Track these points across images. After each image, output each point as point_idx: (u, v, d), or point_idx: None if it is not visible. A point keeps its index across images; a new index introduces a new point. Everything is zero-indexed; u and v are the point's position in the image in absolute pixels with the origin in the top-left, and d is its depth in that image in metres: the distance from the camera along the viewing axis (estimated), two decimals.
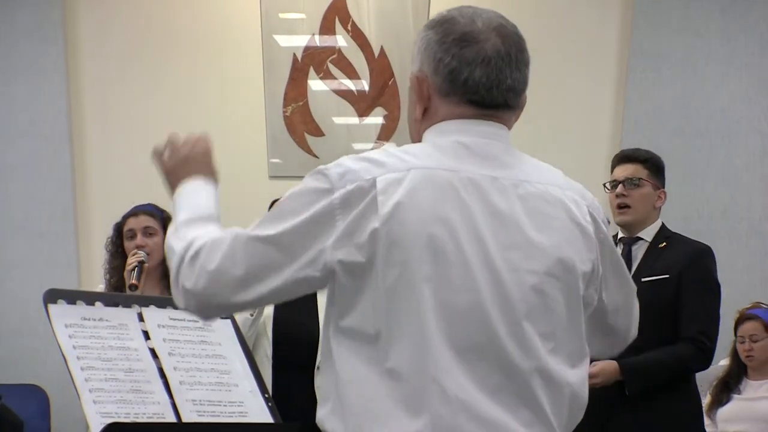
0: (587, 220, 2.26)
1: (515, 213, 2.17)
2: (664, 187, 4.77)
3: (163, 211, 5.10)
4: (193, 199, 2.37)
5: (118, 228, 5.13)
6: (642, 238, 4.70)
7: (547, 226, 2.19)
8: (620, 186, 4.68)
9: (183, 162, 2.46)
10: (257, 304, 2.22)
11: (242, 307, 2.22)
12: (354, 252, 2.10)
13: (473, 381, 2.10)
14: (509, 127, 2.31)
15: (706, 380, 6.66)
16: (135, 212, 5.11)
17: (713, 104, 7.82)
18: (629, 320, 2.50)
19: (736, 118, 7.82)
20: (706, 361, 4.60)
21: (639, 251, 4.67)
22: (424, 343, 2.08)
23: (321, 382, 2.22)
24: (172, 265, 2.22)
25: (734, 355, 6.24)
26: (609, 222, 4.41)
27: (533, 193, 2.21)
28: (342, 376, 2.13)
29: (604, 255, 2.32)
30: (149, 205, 5.16)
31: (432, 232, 2.10)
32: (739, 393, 6.15)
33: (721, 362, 6.62)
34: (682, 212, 7.71)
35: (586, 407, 2.31)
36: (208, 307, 2.20)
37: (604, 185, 4.71)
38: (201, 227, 2.26)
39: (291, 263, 2.13)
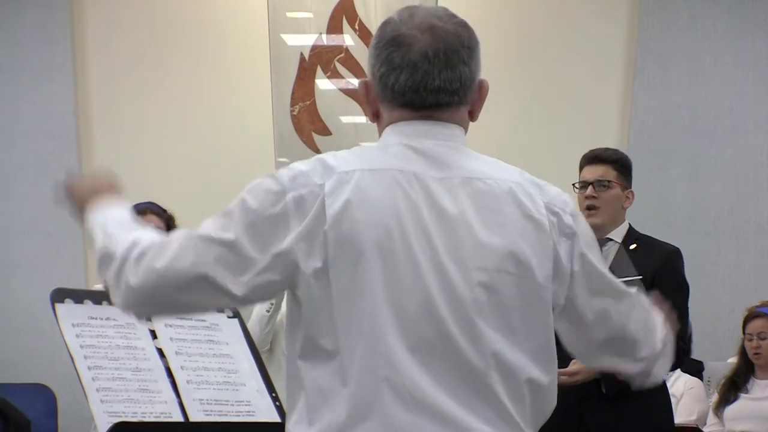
0: (542, 213, 2.21)
1: (463, 211, 2.15)
2: (631, 188, 4.76)
3: (164, 211, 5.03)
4: (112, 212, 2.35)
5: None
6: (612, 239, 4.70)
7: (497, 222, 2.16)
8: (590, 187, 4.67)
9: (90, 186, 2.45)
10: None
11: (185, 308, 2.23)
12: (309, 257, 2.10)
13: (429, 379, 2.09)
14: (460, 122, 2.27)
15: (714, 378, 6.67)
16: (143, 210, 4.97)
17: (720, 103, 7.81)
18: (625, 330, 2.36)
19: (744, 117, 7.81)
20: (679, 362, 4.63)
21: (609, 252, 4.66)
22: (377, 343, 2.08)
23: (286, 392, 2.21)
24: (112, 267, 2.18)
25: (742, 354, 6.24)
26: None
27: (482, 189, 2.18)
28: (301, 384, 2.13)
29: (574, 251, 2.25)
30: (151, 203, 5.06)
31: (380, 232, 2.10)
32: (747, 392, 6.15)
33: (729, 360, 6.63)
34: (689, 211, 7.71)
35: (563, 403, 2.29)
36: (149, 306, 2.20)
37: (573, 185, 4.70)
38: (135, 230, 2.25)
39: (250, 267, 2.12)
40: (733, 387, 6.20)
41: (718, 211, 7.77)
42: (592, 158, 4.77)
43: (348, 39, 7.75)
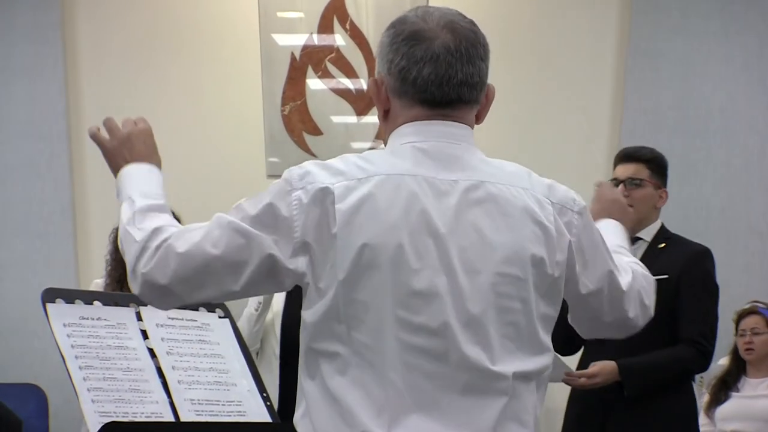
0: (550, 220, 2.23)
1: (474, 215, 2.17)
2: (666, 186, 4.73)
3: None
4: (143, 185, 2.38)
5: None
6: (641, 238, 4.68)
7: (507, 226, 2.19)
8: (621, 186, 4.64)
9: (125, 141, 2.48)
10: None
11: (199, 295, 2.23)
12: (312, 258, 2.12)
13: (430, 386, 2.13)
14: (471, 123, 2.30)
15: (706, 378, 6.67)
16: None
17: (712, 104, 7.81)
18: (622, 305, 2.42)
19: (735, 117, 7.81)
20: (705, 363, 4.59)
21: (638, 251, 4.64)
22: (383, 340, 2.11)
23: (300, 384, 2.24)
24: (131, 252, 2.22)
25: (734, 353, 6.25)
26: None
27: (494, 193, 2.20)
28: (316, 382, 2.21)
29: (582, 243, 2.30)
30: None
31: (390, 238, 2.11)
32: (738, 391, 6.15)
33: (720, 361, 6.63)
34: (681, 212, 7.71)
35: (585, 405, 2.32)
36: (166, 295, 2.21)
37: None
38: (158, 218, 2.27)
39: (254, 257, 2.15)
40: (724, 387, 6.20)
41: (710, 212, 7.77)
42: (625, 156, 4.77)
43: (339, 39, 7.75)
